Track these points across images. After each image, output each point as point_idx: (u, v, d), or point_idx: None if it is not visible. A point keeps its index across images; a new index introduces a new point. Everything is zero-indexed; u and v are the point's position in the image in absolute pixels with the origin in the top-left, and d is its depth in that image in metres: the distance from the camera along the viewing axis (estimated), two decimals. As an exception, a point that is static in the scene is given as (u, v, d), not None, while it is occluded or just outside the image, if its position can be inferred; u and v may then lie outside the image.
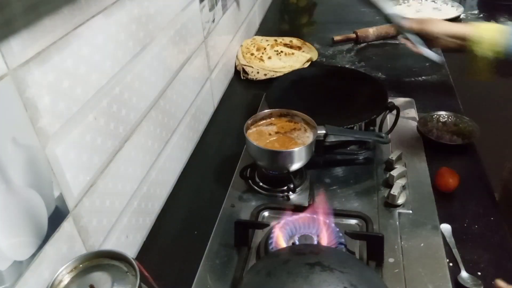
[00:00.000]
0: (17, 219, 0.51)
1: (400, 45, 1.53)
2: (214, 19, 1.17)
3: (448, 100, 1.20)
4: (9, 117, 0.49)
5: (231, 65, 1.38)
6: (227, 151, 1.06)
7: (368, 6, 0.93)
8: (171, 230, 0.87)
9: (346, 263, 0.60)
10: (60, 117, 0.57)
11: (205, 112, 1.16)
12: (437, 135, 1.03)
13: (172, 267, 0.78)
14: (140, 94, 0.78)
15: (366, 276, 0.59)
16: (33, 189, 0.53)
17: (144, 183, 0.82)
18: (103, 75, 0.66)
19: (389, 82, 1.29)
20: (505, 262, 0.75)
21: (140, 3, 0.76)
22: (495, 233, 0.79)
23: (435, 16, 1.68)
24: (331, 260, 0.59)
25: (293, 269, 0.57)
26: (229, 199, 0.89)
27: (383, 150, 1.00)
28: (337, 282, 0.55)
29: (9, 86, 0.48)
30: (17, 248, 0.51)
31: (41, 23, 0.52)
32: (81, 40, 0.60)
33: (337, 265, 0.57)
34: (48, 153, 0.55)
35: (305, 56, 1.40)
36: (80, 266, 0.54)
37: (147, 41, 0.80)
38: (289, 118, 0.94)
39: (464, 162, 0.97)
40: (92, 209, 0.65)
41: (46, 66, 0.53)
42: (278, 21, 1.89)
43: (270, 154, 0.87)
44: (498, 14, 1.71)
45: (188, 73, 1.01)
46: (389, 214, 0.83)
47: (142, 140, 0.80)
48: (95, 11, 0.63)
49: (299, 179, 0.92)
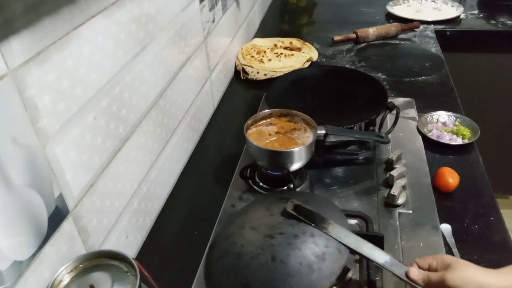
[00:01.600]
0: (17, 219, 0.51)
1: (400, 45, 1.54)
2: (214, 19, 1.17)
3: (448, 100, 1.20)
4: (9, 117, 0.49)
5: (231, 65, 1.38)
6: (227, 151, 1.06)
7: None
8: (171, 230, 0.87)
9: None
10: (60, 117, 0.57)
11: (205, 112, 1.16)
12: (437, 135, 1.03)
13: (172, 267, 0.78)
14: (140, 94, 0.78)
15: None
16: (33, 189, 0.53)
17: (144, 183, 0.82)
18: (103, 75, 0.66)
19: (389, 82, 1.29)
20: (505, 262, 0.74)
21: (140, 3, 0.76)
22: (495, 233, 0.79)
23: (435, 16, 1.68)
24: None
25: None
26: (229, 199, 0.89)
27: (383, 150, 1.00)
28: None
29: (9, 86, 0.48)
30: (17, 248, 0.51)
31: (41, 23, 0.52)
32: (81, 40, 0.60)
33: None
34: (48, 153, 0.55)
35: (305, 56, 1.40)
36: (80, 266, 0.54)
37: (147, 41, 0.80)
38: (289, 118, 0.94)
39: (464, 162, 0.97)
40: (92, 209, 0.65)
41: (46, 66, 0.53)
42: (278, 21, 1.89)
43: (270, 154, 0.87)
44: (498, 14, 1.71)
45: (188, 73, 1.01)
46: (389, 214, 0.83)
47: (142, 140, 0.80)
48: (95, 11, 0.63)
49: (299, 179, 0.92)
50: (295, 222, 0.65)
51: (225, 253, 0.66)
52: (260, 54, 1.40)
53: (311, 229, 0.64)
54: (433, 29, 1.61)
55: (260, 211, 0.72)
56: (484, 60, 1.68)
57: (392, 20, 1.70)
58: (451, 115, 1.09)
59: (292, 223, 0.65)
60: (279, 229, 0.65)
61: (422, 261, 0.61)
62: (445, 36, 1.60)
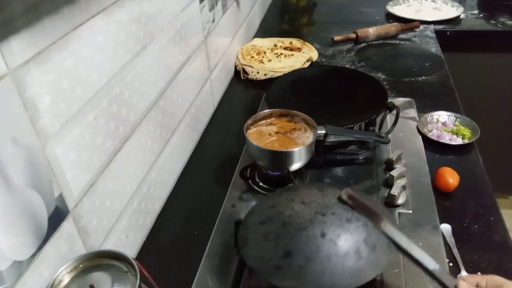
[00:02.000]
0: (17, 219, 0.51)
1: (400, 45, 1.54)
2: (214, 19, 1.17)
3: (448, 100, 1.20)
4: (9, 117, 0.49)
5: (231, 65, 1.38)
6: (227, 151, 1.06)
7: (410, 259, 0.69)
8: (171, 230, 0.87)
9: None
10: (60, 117, 0.57)
11: (205, 112, 1.16)
12: (437, 135, 1.03)
13: (172, 267, 0.78)
14: (140, 94, 0.78)
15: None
16: (33, 189, 0.53)
17: (144, 183, 0.82)
18: (103, 75, 0.66)
19: (389, 82, 1.29)
20: (505, 262, 0.75)
21: (140, 3, 0.76)
22: (495, 233, 0.79)
23: (435, 16, 1.68)
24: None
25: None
26: (229, 199, 0.89)
27: (383, 150, 1.00)
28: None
29: (9, 86, 0.48)
30: (17, 248, 0.51)
31: (41, 23, 0.52)
32: (81, 40, 0.60)
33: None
34: (48, 153, 0.55)
35: (305, 56, 1.40)
36: (80, 266, 0.54)
37: (147, 41, 0.80)
38: (289, 118, 0.94)
39: (464, 162, 0.97)
40: (92, 209, 0.65)
41: (46, 66, 0.53)
42: (278, 21, 1.89)
43: (270, 154, 0.87)
44: (498, 14, 1.72)
45: (188, 73, 1.01)
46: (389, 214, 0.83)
47: (142, 140, 0.80)
48: (95, 11, 0.63)
49: (299, 179, 0.92)
50: (350, 208, 0.63)
51: (269, 220, 0.63)
52: (260, 55, 1.40)
53: (365, 219, 0.62)
54: (433, 29, 1.61)
55: (313, 191, 0.69)
56: (484, 60, 1.68)
57: (392, 20, 1.70)
58: (451, 115, 1.09)
59: (346, 208, 0.63)
60: (332, 209, 0.62)
61: (470, 278, 0.59)
62: (445, 36, 1.60)
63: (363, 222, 0.62)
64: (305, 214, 0.62)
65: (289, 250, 0.60)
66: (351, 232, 0.60)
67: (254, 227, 0.65)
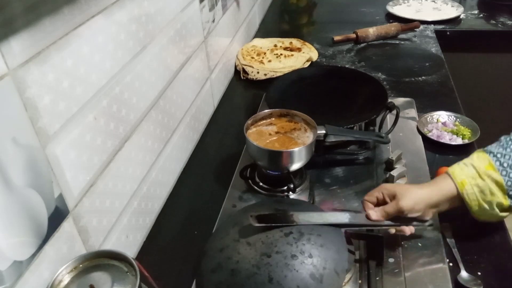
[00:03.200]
0: (17, 219, 0.51)
1: (400, 45, 1.54)
2: (214, 19, 1.17)
3: (448, 100, 1.20)
4: (9, 117, 0.49)
5: (231, 65, 1.38)
6: (227, 151, 1.06)
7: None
8: (171, 230, 0.87)
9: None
10: (60, 117, 0.57)
11: (205, 112, 1.16)
12: (437, 135, 1.03)
13: (172, 267, 0.78)
14: (140, 94, 0.78)
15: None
16: (33, 189, 0.53)
17: (144, 183, 0.82)
18: (103, 75, 0.66)
19: (389, 82, 1.29)
20: (505, 262, 0.75)
21: (140, 3, 0.76)
22: (495, 233, 0.79)
23: (435, 16, 1.68)
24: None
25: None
26: (229, 199, 0.89)
27: (383, 150, 1.00)
28: None
29: (9, 86, 0.48)
30: (17, 248, 0.51)
31: (41, 23, 0.52)
32: (81, 40, 0.60)
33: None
34: (48, 153, 0.55)
35: (304, 57, 1.40)
36: (80, 266, 0.54)
37: (147, 41, 0.80)
38: (289, 118, 0.94)
39: (464, 162, 0.96)
40: (92, 209, 0.65)
41: (46, 66, 0.53)
42: (278, 21, 1.89)
43: (270, 154, 0.87)
44: (498, 14, 1.72)
45: (188, 73, 1.01)
46: (389, 214, 0.83)
47: (142, 140, 0.80)
48: (95, 11, 0.63)
49: (299, 179, 0.92)
50: (292, 240, 0.64)
51: (219, 267, 0.64)
52: (260, 56, 1.40)
53: (309, 248, 0.63)
54: (433, 29, 1.61)
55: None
56: (484, 60, 1.68)
57: (392, 20, 1.70)
58: (451, 115, 1.09)
59: (289, 241, 0.63)
60: (276, 247, 0.63)
61: (369, 197, 0.75)
62: (445, 36, 1.60)
63: (308, 254, 0.62)
64: (251, 259, 0.63)
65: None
66: (297, 269, 0.61)
67: (207, 274, 0.66)
